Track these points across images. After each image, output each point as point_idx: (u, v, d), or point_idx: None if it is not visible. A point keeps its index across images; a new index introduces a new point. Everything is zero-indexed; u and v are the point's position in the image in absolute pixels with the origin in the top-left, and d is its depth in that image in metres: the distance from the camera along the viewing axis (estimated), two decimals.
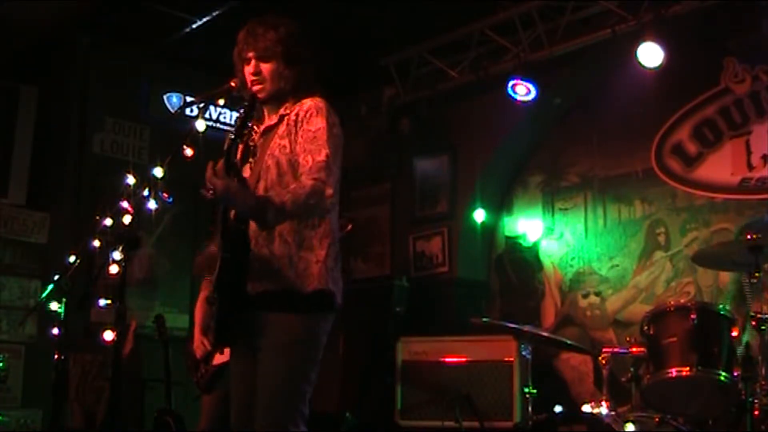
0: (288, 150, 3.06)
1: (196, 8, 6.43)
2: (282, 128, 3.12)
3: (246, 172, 3.12)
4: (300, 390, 2.99)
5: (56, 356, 4.49)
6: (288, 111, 3.14)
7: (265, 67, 3.14)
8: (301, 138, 3.04)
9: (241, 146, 3.19)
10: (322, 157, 2.96)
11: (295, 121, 3.08)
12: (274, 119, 3.17)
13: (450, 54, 6.87)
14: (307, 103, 3.11)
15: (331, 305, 3.05)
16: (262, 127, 3.20)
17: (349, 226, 4.49)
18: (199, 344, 4.68)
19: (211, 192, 2.83)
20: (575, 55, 6.22)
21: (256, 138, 3.20)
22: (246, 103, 3.06)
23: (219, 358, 4.52)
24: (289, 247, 2.99)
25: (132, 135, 7.16)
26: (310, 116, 3.06)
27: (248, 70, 3.16)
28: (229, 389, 3.19)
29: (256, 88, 3.14)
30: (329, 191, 2.93)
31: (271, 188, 3.04)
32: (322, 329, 3.06)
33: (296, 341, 2.98)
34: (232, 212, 2.98)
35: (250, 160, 3.17)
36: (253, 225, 3.00)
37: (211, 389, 4.68)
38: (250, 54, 3.15)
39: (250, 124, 3.08)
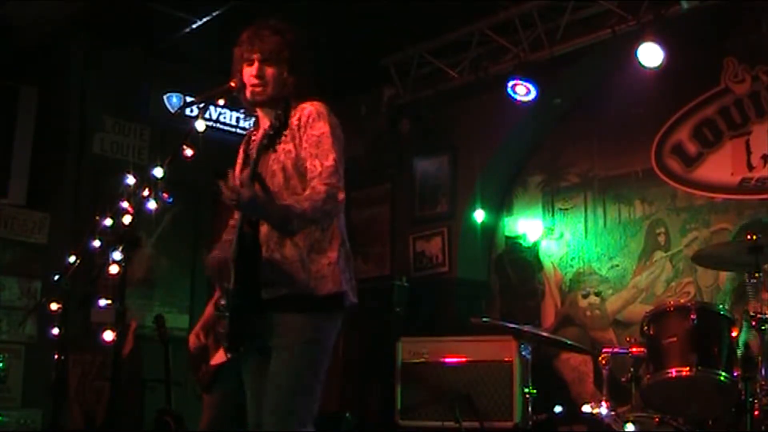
0: (293, 154, 3.08)
1: (196, 8, 6.43)
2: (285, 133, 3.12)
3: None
4: (311, 389, 3.01)
5: (56, 356, 4.49)
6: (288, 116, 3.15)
7: (269, 71, 3.14)
8: (306, 143, 3.06)
9: (241, 152, 3.21)
10: (330, 161, 3.00)
11: (298, 126, 3.09)
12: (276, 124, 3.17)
13: (450, 54, 6.87)
14: (308, 107, 3.12)
15: (343, 306, 3.07)
16: (261, 133, 3.20)
17: None
18: (194, 337, 4.67)
19: (234, 201, 2.80)
20: (575, 55, 6.22)
21: (255, 143, 3.20)
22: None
23: (218, 358, 4.52)
24: (300, 251, 3.01)
25: (132, 135, 7.16)
26: (313, 121, 3.08)
27: (249, 71, 3.15)
28: (228, 389, 3.20)
29: (256, 90, 3.14)
30: (341, 195, 3.00)
31: (279, 193, 3.05)
32: (333, 329, 3.09)
33: (308, 341, 3.00)
34: (245, 219, 3.00)
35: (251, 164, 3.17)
36: (263, 229, 3.03)
37: (212, 389, 4.68)
38: (255, 56, 3.14)
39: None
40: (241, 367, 3.22)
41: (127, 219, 4.09)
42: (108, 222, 4.24)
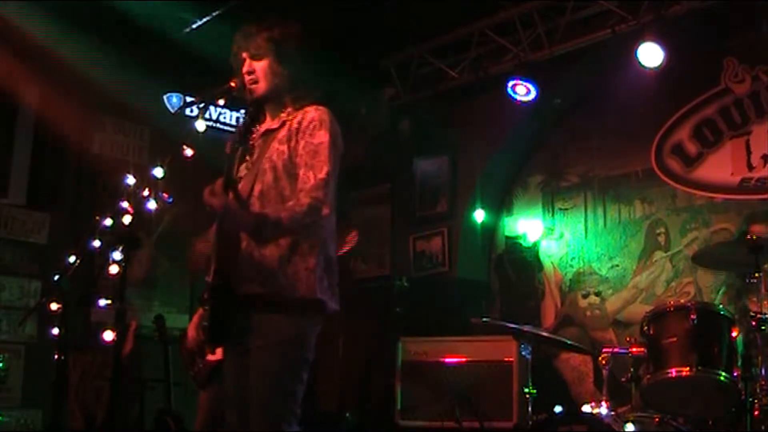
0: (286, 156, 3.08)
1: (196, 8, 6.43)
2: (282, 133, 3.13)
3: (242, 172, 3.14)
4: (292, 390, 3.00)
5: (56, 356, 4.50)
6: (290, 117, 3.15)
7: (258, 66, 3.16)
8: (303, 149, 3.05)
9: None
10: (322, 174, 3.00)
11: (297, 129, 3.09)
12: (276, 123, 3.18)
13: (450, 54, 6.87)
14: (311, 112, 3.12)
15: (319, 311, 3.06)
16: (263, 129, 3.21)
17: (354, 233, 4.46)
18: (194, 331, 4.67)
19: (209, 209, 2.91)
20: (575, 55, 6.23)
21: (255, 138, 3.21)
22: (250, 109, 3.08)
23: (216, 355, 4.51)
24: (281, 250, 3.00)
25: (132, 135, 7.16)
26: (314, 128, 3.07)
27: (243, 70, 3.17)
28: (225, 387, 3.20)
29: (251, 87, 3.16)
30: (326, 210, 3.00)
31: (267, 191, 3.06)
32: (311, 330, 3.08)
33: (286, 342, 3.00)
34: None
35: (247, 158, 3.18)
36: None
37: (207, 385, 4.68)
38: (244, 54, 3.17)
39: (252, 131, 3.09)
40: (223, 366, 3.22)
41: (127, 219, 4.10)
42: (108, 222, 4.26)
